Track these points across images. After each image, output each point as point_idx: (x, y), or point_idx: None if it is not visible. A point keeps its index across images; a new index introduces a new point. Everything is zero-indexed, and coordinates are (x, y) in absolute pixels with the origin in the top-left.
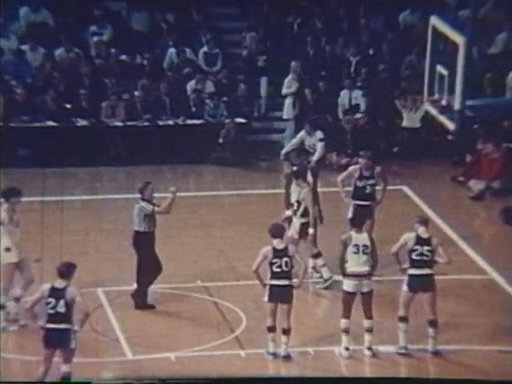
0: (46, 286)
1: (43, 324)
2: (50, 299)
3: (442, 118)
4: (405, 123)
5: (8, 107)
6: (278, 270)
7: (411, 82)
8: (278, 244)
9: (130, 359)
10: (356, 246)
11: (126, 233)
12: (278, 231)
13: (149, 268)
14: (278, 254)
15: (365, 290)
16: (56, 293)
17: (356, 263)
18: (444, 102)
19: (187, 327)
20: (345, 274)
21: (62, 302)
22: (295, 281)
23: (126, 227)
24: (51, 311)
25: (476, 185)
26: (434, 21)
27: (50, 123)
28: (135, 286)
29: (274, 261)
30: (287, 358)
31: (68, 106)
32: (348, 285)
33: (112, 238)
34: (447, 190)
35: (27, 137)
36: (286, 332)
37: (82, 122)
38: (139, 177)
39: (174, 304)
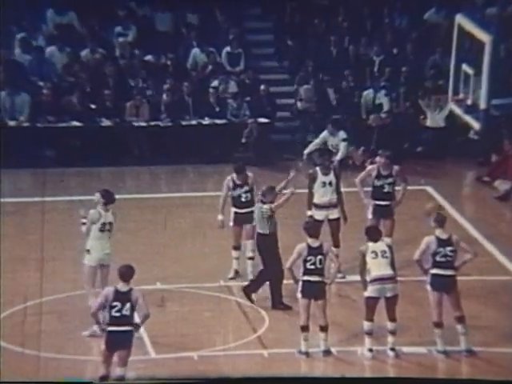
0: (110, 290)
1: (106, 327)
2: (115, 303)
3: (467, 118)
4: (429, 123)
5: (35, 107)
6: (312, 267)
7: (435, 82)
8: (313, 242)
9: (153, 358)
10: (374, 252)
11: (148, 232)
12: (313, 229)
13: (275, 268)
14: (313, 251)
15: (388, 294)
16: (121, 296)
17: (377, 267)
18: (469, 102)
19: (210, 327)
20: (365, 284)
21: (128, 305)
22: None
23: (148, 227)
24: (117, 314)
25: (501, 185)
26: (460, 19)
27: (75, 123)
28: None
29: (309, 258)
30: (327, 353)
31: (93, 106)
32: (371, 290)
33: (134, 237)
34: (472, 190)
35: (53, 137)
36: (324, 328)
37: (106, 122)
38: (162, 176)
39: (197, 303)
